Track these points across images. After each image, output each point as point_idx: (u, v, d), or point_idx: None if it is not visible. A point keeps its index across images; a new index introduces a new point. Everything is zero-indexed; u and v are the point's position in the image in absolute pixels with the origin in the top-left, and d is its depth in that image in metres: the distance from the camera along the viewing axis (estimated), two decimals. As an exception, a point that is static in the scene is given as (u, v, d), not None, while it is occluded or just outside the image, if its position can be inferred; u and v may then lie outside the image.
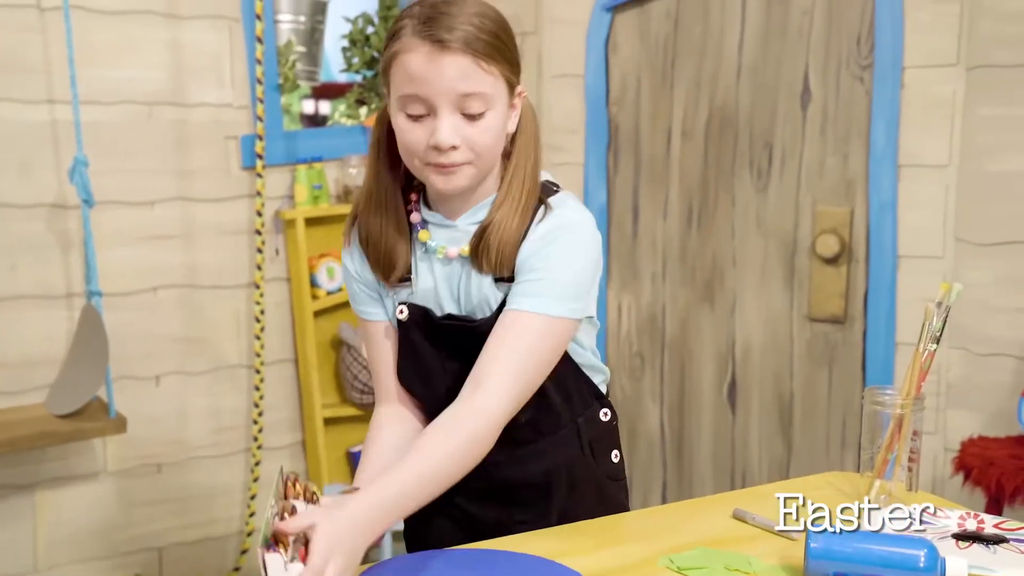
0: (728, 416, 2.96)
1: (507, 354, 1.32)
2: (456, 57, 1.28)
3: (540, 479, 1.47)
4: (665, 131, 3.00)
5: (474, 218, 1.40)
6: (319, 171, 2.96)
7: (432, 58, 1.28)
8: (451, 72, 1.28)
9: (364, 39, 3.11)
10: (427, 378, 1.46)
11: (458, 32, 1.28)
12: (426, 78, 1.29)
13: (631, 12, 3.01)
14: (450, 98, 1.30)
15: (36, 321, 2.59)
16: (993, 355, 2.48)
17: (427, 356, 1.45)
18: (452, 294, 1.42)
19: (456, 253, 1.40)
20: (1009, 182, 2.42)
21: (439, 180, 1.34)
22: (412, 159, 1.35)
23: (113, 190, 2.64)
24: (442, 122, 1.30)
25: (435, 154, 1.31)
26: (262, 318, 2.87)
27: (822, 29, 2.69)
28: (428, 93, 1.29)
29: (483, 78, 1.31)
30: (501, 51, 1.33)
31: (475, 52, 1.29)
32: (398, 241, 1.41)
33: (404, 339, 1.45)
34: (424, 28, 1.29)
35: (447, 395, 1.39)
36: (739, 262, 2.89)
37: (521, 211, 1.37)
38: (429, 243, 1.41)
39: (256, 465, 2.91)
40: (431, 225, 1.42)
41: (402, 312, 1.44)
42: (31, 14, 2.51)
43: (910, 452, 1.49)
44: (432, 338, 1.44)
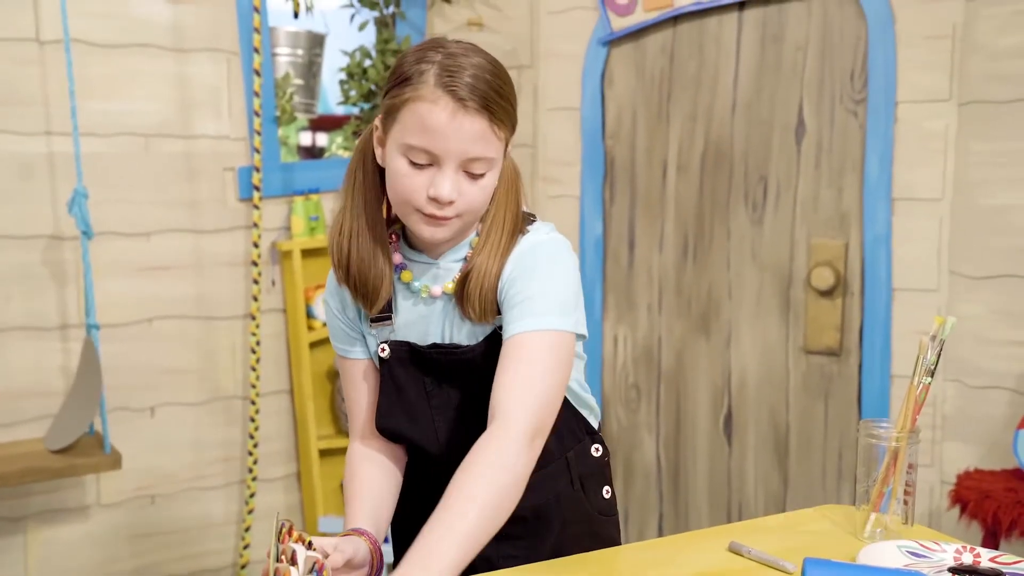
0: (724, 448, 2.96)
1: (520, 381, 1.29)
2: (475, 119, 1.30)
3: (529, 514, 1.46)
4: (661, 164, 3.01)
5: (455, 255, 1.42)
6: (316, 203, 2.97)
7: (453, 116, 1.29)
8: (468, 132, 1.30)
9: (361, 72, 3.13)
10: (413, 414, 1.45)
11: (479, 91, 1.29)
12: (444, 135, 1.29)
13: (627, 46, 3.04)
14: (459, 158, 1.31)
15: (29, 353, 2.58)
16: (988, 388, 2.48)
17: (411, 391, 1.45)
18: (437, 329, 1.43)
19: (440, 291, 1.41)
20: (1002, 215, 2.43)
21: (427, 230, 1.35)
22: (406, 205, 1.35)
23: (110, 221, 2.65)
24: (445, 178, 1.31)
25: (432, 206, 1.33)
26: (258, 349, 2.86)
27: (816, 64, 2.72)
28: (440, 149, 1.30)
29: (493, 143, 1.33)
30: (510, 115, 1.35)
31: (491, 116, 1.31)
32: (383, 274, 1.41)
33: (387, 378, 1.45)
34: (448, 80, 1.29)
35: (434, 430, 1.42)
36: (735, 294, 2.90)
37: (500, 256, 1.38)
38: (412, 283, 1.42)
39: (251, 497, 2.90)
40: (413, 264, 1.43)
41: (384, 350, 1.44)
42: (30, 47, 2.53)
43: (906, 485, 1.48)
44: (417, 370, 1.44)
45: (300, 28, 3.33)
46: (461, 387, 1.43)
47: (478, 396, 1.38)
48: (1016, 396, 2.42)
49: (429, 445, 1.46)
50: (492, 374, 1.33)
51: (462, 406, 1.44)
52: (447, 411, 1.43)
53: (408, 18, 3.16)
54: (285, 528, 1.25)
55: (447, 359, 1.42)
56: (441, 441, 1.46)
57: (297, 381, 2.97)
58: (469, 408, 1.43)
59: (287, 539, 1.24)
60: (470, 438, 1.32)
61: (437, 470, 1.41)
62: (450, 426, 1.44)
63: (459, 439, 1.42)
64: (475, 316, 1.37)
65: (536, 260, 1.38)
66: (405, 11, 3.15)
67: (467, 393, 1.43)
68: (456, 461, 1.29)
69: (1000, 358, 2.46)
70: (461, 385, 1.43)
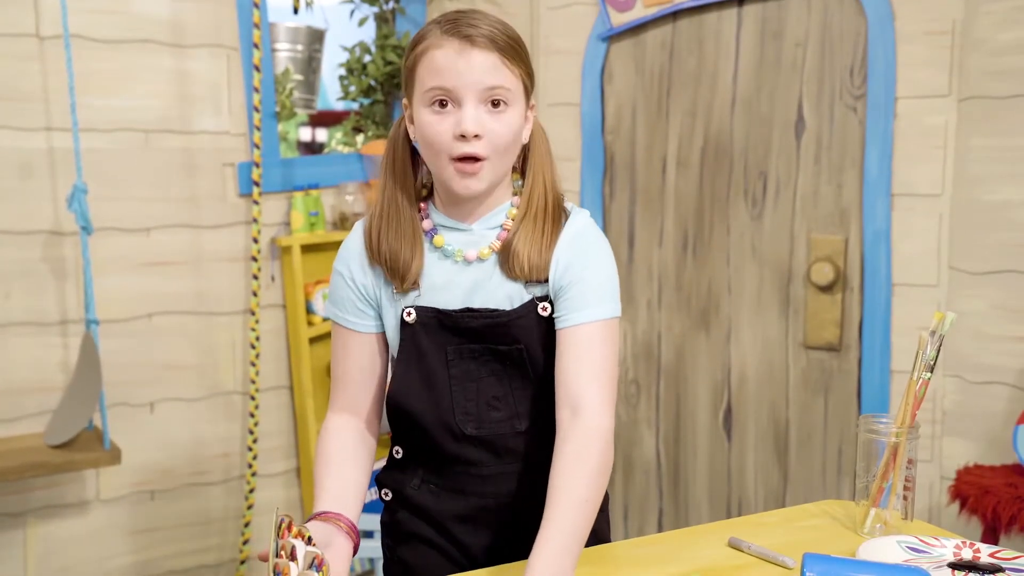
0: (724, 444, 2.96)
1: (588, 369, 1.36)
2: (483, 52, 1.35)
3: (531, 498, 1.45)
4: (660, 160, 3.01)
5: (490, 223, 1.45)
6: (315, 198, 2.97)
7: (462, 52, 1.35)
8: (479, 65, 1.35)
9: (361, 68, 3.13)
10: (431, 382, 1.45)
11: (484, 31, 1.36)
12: (455, 70, 1.35)
13: (626, 42, 3.04)
14: (476, 90, 1.35)
15: (29, 349, 2.58)
16: (988, 383, 2.48)
17: (432, 359, 1.44)
18: (471, 293, 1.43)
19: (475, 256, 1.44)
20: (1001, 211, 2.43)
21: (461, 183, 1.38)
22: (437, 153, 1.39)
23: (109, 217, 2.65)
24: (467, 112, 1.35)
25: (460, 144, 1.36)
26: (258, 344, 2.86)
27: (815, 60, 2.71)
28: (456, 84, 1.35)
29: (507, 74, 1.37)
30: (521, 55, 1.40)
31: (500, 50, 1.37)
32: (414, 249, 1.44)
33: (408, 343, 1.45)
34: (451, 27, 1.36)
35: (450, 400, 1.43)
36: (734, 290, 2.90)
37: (544, 223, 1.43)
38: (445, 247, 1.44)
39: (251, 492, 2.90)
40: (444, 229, 1.46)
41: (410, 314, 1.44)
42: (30, 43, 2.53)
43: (905, 480, 1.49)
44: (441, 337, 1.44)
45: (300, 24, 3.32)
46: (481, 359, 1.44)
47: (496, 371, 1.43)
48: (1016, 391, 2.42)
49: (443, 414, 1.45)
50: (519, 343, 1.41)
51: (479, 380, 1.45)
52: (464, 383, 1.44)
53: (408, 13, 3.16)
54: (284, 523, 1.26)
55: (479, 323, 1.42)
56: (456, 413, 1.45)
57: (297, 377, 2.97)
58: (485, 383, 1.44)
59: (286, 534, 1.24)
60: (482, 415, 1.42)
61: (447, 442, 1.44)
62: (465, 397, 1.45)
63: (472, 413, 1.44)
64: (522, 275, 1.42)
65: (587, 246, 1.43)
66: (405, 6, 3.15)
67: (486, 368, 1.44)
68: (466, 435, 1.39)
69: (1000, 353, 2.46)
70: (481, 356, 1.44)
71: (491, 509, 1.48)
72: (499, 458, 1.45)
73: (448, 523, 1.49)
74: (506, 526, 1.49)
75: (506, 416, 1.45)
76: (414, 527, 1.52)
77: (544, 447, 1.43)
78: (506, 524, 1.48)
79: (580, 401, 1.35)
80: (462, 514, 1.48)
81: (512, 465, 1.46)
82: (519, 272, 1.41)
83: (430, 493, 1.50)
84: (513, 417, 1.45)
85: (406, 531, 1.53)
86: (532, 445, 1.46)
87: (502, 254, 1.42)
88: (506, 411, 1.45)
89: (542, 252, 1.41)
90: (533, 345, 1.43)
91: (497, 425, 1.45)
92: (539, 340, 1.43)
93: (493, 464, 1.45)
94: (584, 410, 1.34)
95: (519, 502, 1.47)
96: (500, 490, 1.47)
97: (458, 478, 1.48)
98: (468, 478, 1.47)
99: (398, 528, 1.54)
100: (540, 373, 1.45)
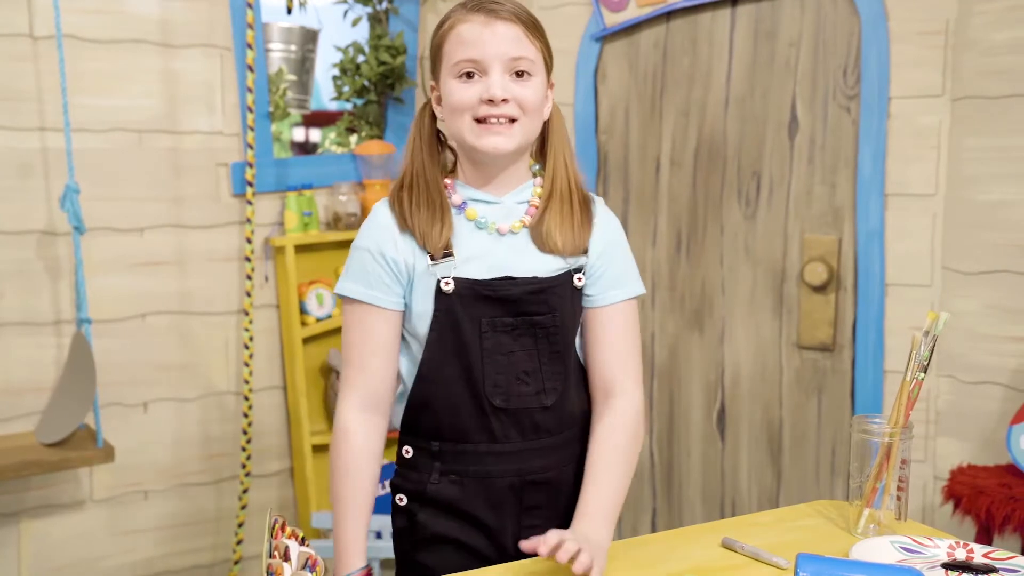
0: (717, 444, 2.96)
1: (623, 345, 1.52)
2: (508, 24, 1.45)
3: (552, 476, 1.52)
4: (654, 160, 3.01)
5: (519, 197, 1.53)
6: (309, 198, 2.97)
7: (487, 24, 1.44)
8: (503, 35, 1.44)
9: (355, 68, 3.13)
10: (464, 353, 1.48)
11: (507, 7, 1.46)
12: (481, 40, 1.44)
13: (620, 42, 3.04)
14: (502, 60, 1.44)
15: (23, 348, 2.58)
16: (981, 383, 2.49)
17: (467, 330, 1.48)
18: (505, 263, 1.49)
19: (507, 229, 1.50)
20: (995, 211, 2.44)
21: (490, 140, 1.45)
22: (463, 117, 1.46)
23: (103, 217, 2.65)
24: (494, 79, 1.44)
25: (487, 107, 1.44)
26: (251, 345, 2.86)
27: (809, 60, 2.72)
28: (482, 55, 1.44)
29: (529, 46, 1.46)
30: (541, 32, 1.50)
31: (523, 23, 1.46)
32: (443, 217, 1.49)
33: (443, 314, 1.48)
34: (476, 5, 1.46)
35: (481, 371, 1.46)
36: (728, 290, 2.90)
37: (571, 203, 1.52)
38: (478, 219, 1.50)
39: (244, 492, 2.90)
40: (475, 203, 1.52)
41: (448, 284, 1.47)
42: (24, 43, 2.52)
43: (899, 481, 1.49)
44: (477, 308, 1.47)
45: (293, 24, 3.32)
46: (513, 333, 1.48)
47: (527, 347, 1.49)
48: (1009, 392, 2.43)
49: (474, 386, 1.48)
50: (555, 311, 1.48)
51: (511, 354, 1.48)
52: (496, 356, 1.48)
53: (401, 13, 3.16)
54: (278, 524, 1.26)
55: (518, 290, 1.47)
56: (486, 385, 1.48)
57: (290, 377, 2.97)
58: (516, 356, 1.49)
59: (280, 535, 1.24)
60: (511, 388, 1.47)
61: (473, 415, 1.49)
62: (496, 370, 1.48)
63: (502, 386, 1.49)
64: (557, 251, 1.50)
65: (618, 228, 1.58)
66: (398, 7, 3.15)
67: (518, 342, 1.48)
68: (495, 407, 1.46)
69: (993, 354, 2.46)
70: (514, 330, 1.48)
71: (517, 488, 1.51)
72: (523, 434, 1.49)
73: (477, 511, 1.51)
74: (534, 508, 1.53)
75: (534, 391, 1.50)
76: (438, 527, 1.52)
77: (565, 425, 1.51)
78: (535, 506, 1.52)
79: (619, 376, 1.50)
80: (490, 499, 1.51)
81: (535, 442, 1.50)
82: (554, 249, 1.49)
83: (452, 484, 1.51)
84: (540, 392, 1.50)
85: (428, 534, 1.53)
86: (554, 422, 1.51)
87: (535, 231, 1.50)
88: (534, 386, 1.49)
89: (577, 231, 1.50)
90: (566, 314, 1.50)
91: (525, 399, 1.49)
92: (570, 311, 1.51)
93: (517, 439, 1.49)
94: (625, 388, 1.50)
95: (542, 480, 1.51)
96: (524, 467, 1.50)
97: (481, 459, 1.49)
98: (492, 457, 1.49)
99: (418, 532, 1.54)
100: (568, 348, 1.51)
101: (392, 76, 3.11)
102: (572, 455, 1.55)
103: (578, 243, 1.51)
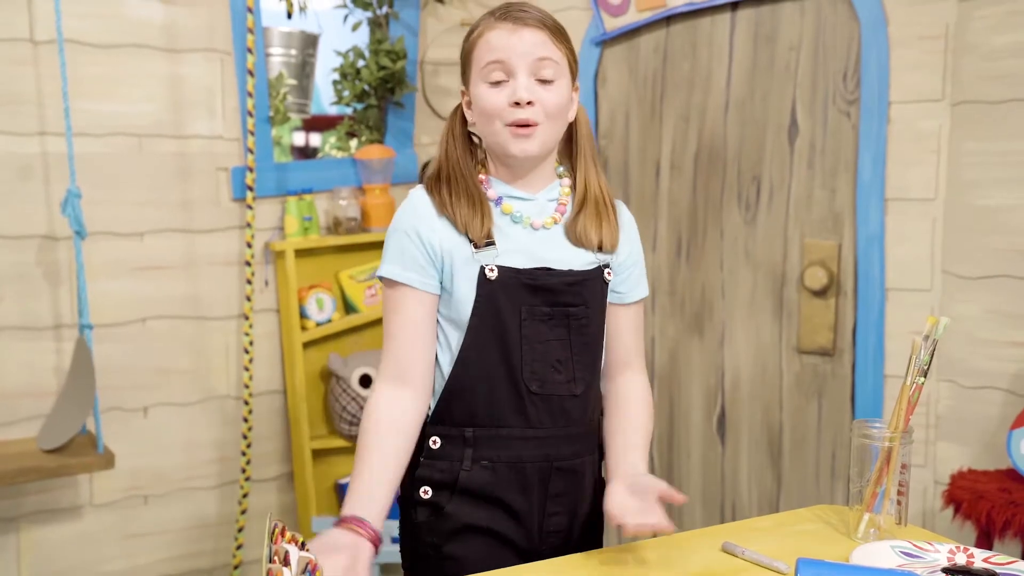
0: (717, 448, 2.96)
1: (638, 336, 1.69)
2: (533, 30, 1.54)
3: (577, 462, 1.60)
4: (654, 164, 3.01)
5: (550, 195, 1.62)
6: (309, 203, 2.97)
7: (515, 30, 1.53)
8: (529, 39, 1.53)
9: (355, 72, 3.13)
10: (504, 339, 1.54)
11: (534, 14, 1.55)
12: (508, 44, 1.52)
13: (620, 47, 3.04)
14: (527, 62, 1.52)
15: (22, 353, 2.58)
16: (981, 388, 2.49)
17: (507, 317, 1.54)
18: (542, 256, 1.57)
19: (541, 224, 1.58)
20: (995, 216, 2.44)
21: (517, 145, 1.53)
22: (492, 121, 1.54)
23: (103, 221, 2.65)
24: (520, 82, 1.52)
25: (513, 110, 1.52)
26: (251, 349, 2.86)
27: (809, 65, 2.72)
28: (508, 57, 1.52)
29: (554, 50, 1.55)
30: (566, 38, 1.58)
31: (549, 29, 1.55)
32: (482, 206, 1.56)
33: (486, 301, 1.54)
34: (504, 13, 1.55)
35: (520, 357, 1.54)
36: (728, 294, 2.90)
37: (603, 205, 1.62)
38: (514, 214, 1.58)
39: (244, 497, 2.90)
40: (510, 199, 1.59)
41: (492, 271, 1.53)
42: (25, 47, 2.52)
43: (899, 485, 1.49)
44: (518, 296, 1.54)
45: (294, 28, 3.32)
46: (549, 323, 1.56)
47: (561, 336, 1.56)
48: (1010, 396, 2.43)
49: (512, 371, 1.55)
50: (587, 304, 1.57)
51: (547, 342, 1.56)
52: (533, 343, 1.55)
53: (401, 18, 3.16)
54: (278, 529, 1.26)
55: (556, 280, 1.55)
56: (524, 371, 1.54)
57: (290, 381, 2.97)
58: (551, 345, 1.56)
59: (280, 540, 1.24)
60: (545, 375, 1.55)
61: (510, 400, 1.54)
62: (533, 357, 1.55)
63: (538, 372, 1.55)
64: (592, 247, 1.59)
65: (637, 233, 1.70)
66: (398, 11, 3.15)
67: (553, 332, 1.56)
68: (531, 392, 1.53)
69: (993, 358, 2.46)
70: (550, 320, 1.56)
71: (545, 474, 1.57)
72: (554, 420, 1.57)
73: (508, 496, 1.55)
74: (557, 496, 1.58)
75: (565, 379, 1.57)
76: (468, 517, 1.56)
77: (589, 415, 1.61)
78: (558, 493, 1.58)
79: (633, 361, 1.67)
80: (520, 484, 1.55)
81: (563, 429, 1.58)
82: (591, 246, 1.59)
83: (484, 470, 1.55)
84: (571, 381, 1.58)
85: (458, 524, 1.56)
86: (580, 410, 1.59)
87: (569, 228, 1.59)
88: (566, 374, 1.57)
89: (611, 232, 1.61)
90: (596, 307, 1.60)
91: (558, 386, 1.57)
92: (600, 304, 1.61)
93: (549, 425, 1.56)
94: (638, 367, 1.68)
95: (567, 467, 1.58)
96: (552, 452, 1.57)
97: (514, 444, 1.55)
98: (524, 442, 1.55)
99: (447, 523, 1.56)
100: (595, 341, 1.61)
101: (392, 81, 3.11)
102: (593, 445, 1.64)
103: (613, 241, 1.62)
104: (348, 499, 1.47)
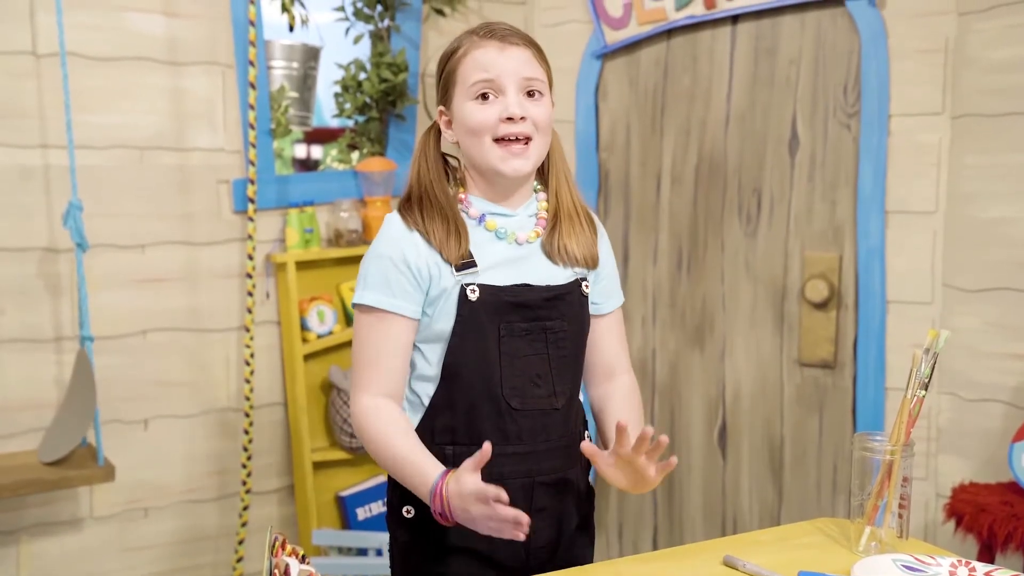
0: (719, 461, 2.96)
1: (621, 341, 1.73)
2: (520, 48, 1.57)
3: (560, 476, 1.60)
4: (655, 177, 3.02)
5: (529, 210, 1.63)
6: (311, 215, 2.97)
7: (502, 49, 1.55)
8: (517, 58, 1.55)
9: (356, 85, 3.14)
10: (485, 356, 1.55)
11: (517, 33, 1.58)
12: (497, 63, 1.54)
13: (621, 60, 3.05)
14: (516, 79, 1.55)
15: (23, 365, 2.58)
16: (983, 401, 2.48)
17: (488, 335, 1.54)
18: (522, 271, 1.58)
19: (524, 239, 1.60)
20: (995, 228, 2.44)
21: (510, 163, 1.55)
22: (481, 138, 1.55)
23: (104, 234, 2.65)
24: (511, 98, 1.54)
25: (506, 125, 1.54)
26: (252, 361, 2.86)
27: (809, 78, 2.73)
28: (498, 75, 1.54)
29: (539, 68, 1.58)
30: (545, 56, 1.62)
31: (532, 47, 1.59)
32: (458, 226, 1.56)
33: (467, 319, 1.54)
34: (488, 32, 1.57)
35: (500, 373, 1.54)
36: (729, 307, 2.90)
37: (579, 218, 1.63)
38: (498, 230, 1.59)
39: (244, 509, 2.89)
40: (493, 216, 1.60)
41: (474, 292, 1.54)
42: (27, 60, 2.53)
43: (900, 498, 1.49)
44: (497, 314, 1.54)
45: (295, 41, 3.33)
46: (527, 338, 1.57)
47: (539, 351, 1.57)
48: (1011, 409, 2.43)
49: (492, 388, 1.54)
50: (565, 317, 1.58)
51: (525, 358, 1.56)
52: (513, 360, 1.55)
53: (403, 31, 3.17)
54: (278, 542, 1.26)
55: (535, 296, 1.57)
56: (504, 387, 1.54)
57: (291, 393, 2.96)
58: (530, 360, 1.57)
59: (280, 552, 1.24)
60: (526, 390, 1.55)
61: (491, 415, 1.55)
62: (513, 373, 1.56)
63: (518, 388, 1.56)
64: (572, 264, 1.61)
65: (608, 243, 1.71)
66: (400, 24, 3.16)
67: (531, 347, 1.57)
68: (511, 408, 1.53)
69: (994, 371, 2.46)
70: (528, 335, 1.57)
71: (528, 489, 1.56)
72: (534, 435, 1.57)
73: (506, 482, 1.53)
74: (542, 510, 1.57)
75: (546, 393, 1.58)
76: (452, 537, 1.54)
77: (569, 426, 1.60)
78: (543, 508, 1.58)
79: (621, 364, 1.71)
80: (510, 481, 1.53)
81: (544, 444, 1.58)
82: (570, 261, 1.61)
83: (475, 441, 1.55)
84: (551, 395, 1.58)
85: (443, 544, 1.55)
86: (561, 423, 1.59)
87: (547, 244, 1.60)
88: (546, 388, 1.58)
89: (589, 246, 1.63)
90: (575, 321, 1.61)
91: (538, 401, 1.57)
92: (579, 318, 1.62)
93: (529, 440, 1.56)
94: (625, 369, 1.72)
95: (551, 482, 1.59)
96: (534, 468, 1.57)
97: (495, 460, 1.51)
98: (505, 459, 1.53)
99: (431, 543, 1.56)
100: (575, 355, 1.62)
101: (394, 93, 3.12)
102: (576, 458, 1.62)
103: (591, 254, 1.63)
104: (416, 470, 1.49)
